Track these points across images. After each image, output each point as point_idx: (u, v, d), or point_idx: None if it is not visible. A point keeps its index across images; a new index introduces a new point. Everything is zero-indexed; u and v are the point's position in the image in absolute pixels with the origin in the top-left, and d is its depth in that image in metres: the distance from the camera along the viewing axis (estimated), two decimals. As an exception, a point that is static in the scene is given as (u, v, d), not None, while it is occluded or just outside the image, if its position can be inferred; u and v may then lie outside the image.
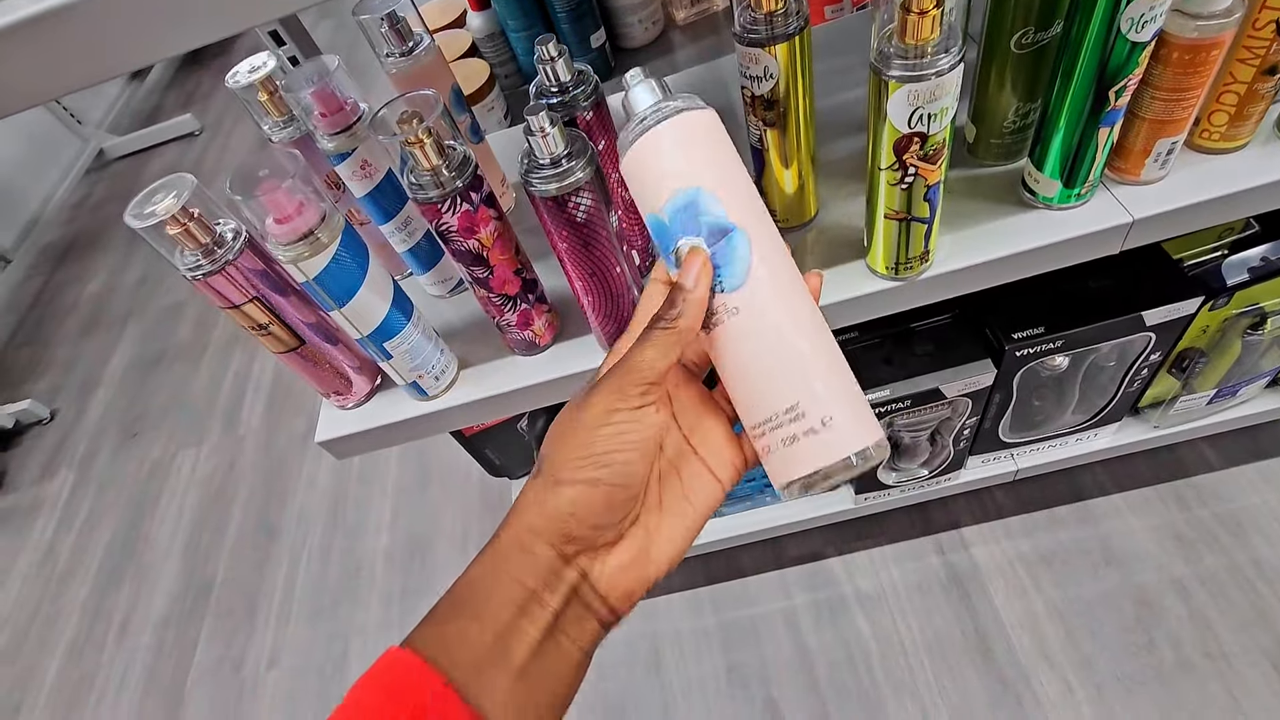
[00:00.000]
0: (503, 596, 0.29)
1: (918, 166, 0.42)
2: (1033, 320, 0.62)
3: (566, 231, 0.43)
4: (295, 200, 0.42)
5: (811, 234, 0.56)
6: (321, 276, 0.44)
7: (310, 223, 0.43)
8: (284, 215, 0.42)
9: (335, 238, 0.43)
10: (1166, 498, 0.95)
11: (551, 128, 0.39)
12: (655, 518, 0.33)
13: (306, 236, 0.43)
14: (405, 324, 0.50)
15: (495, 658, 0.29)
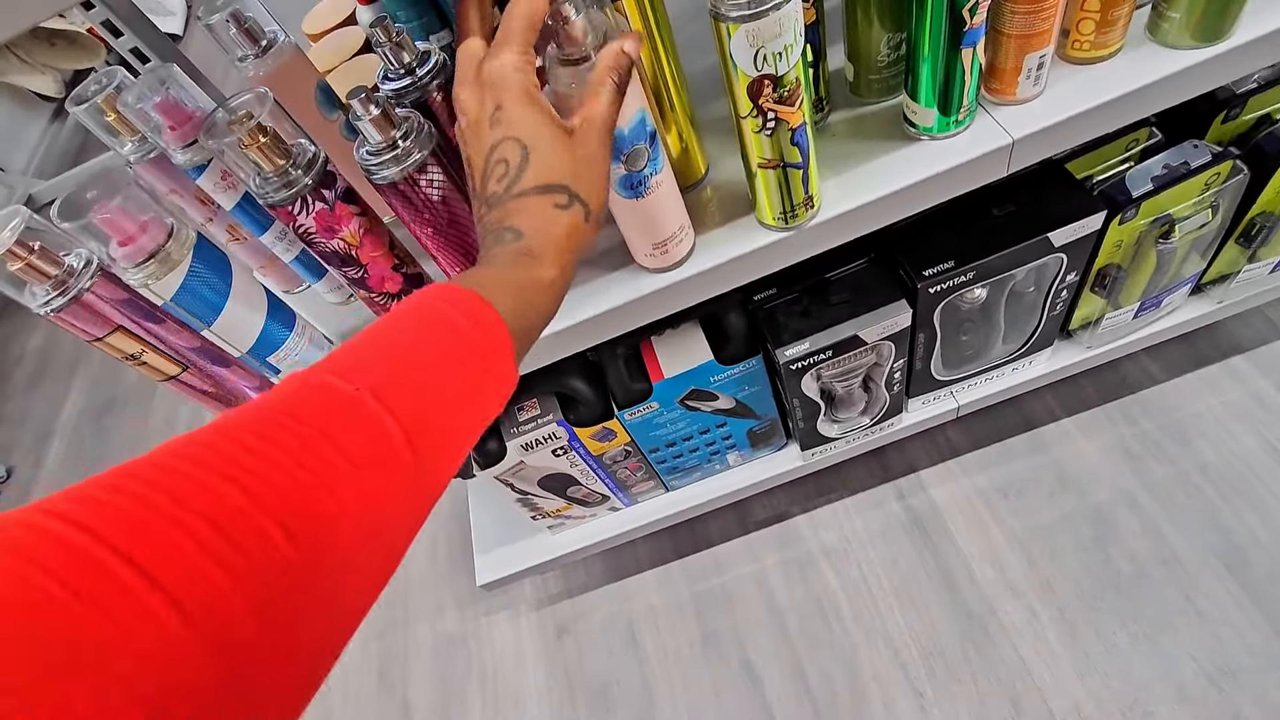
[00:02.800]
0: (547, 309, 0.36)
1: (776, 110, 0.41)
2: (942, 255, 0.62)
3: (427, 215, 0.41)
4: (136, 219, 0.40)
5: (705, 191, 0.55)
6: (180, 296, 0.42)
7: (157, 240, 0.41)
8: (127, 236, 0.40)
9: (187, 252, 0.42)
10: (1114, 416, 0.96)
11: (376, 110, 0.37)
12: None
13: (155, 255, 0.41)
14: (288, 335, 0.48)
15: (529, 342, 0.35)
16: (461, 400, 0.30)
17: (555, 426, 0.69)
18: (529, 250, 0.35)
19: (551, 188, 0.35)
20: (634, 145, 0.42)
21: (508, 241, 0.35)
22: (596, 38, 0.36)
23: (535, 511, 0.82)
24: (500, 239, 0.35)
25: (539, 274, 0.35)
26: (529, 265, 0.35)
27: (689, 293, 0.52)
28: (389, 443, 0.27)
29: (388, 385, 0.28)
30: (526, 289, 0.34)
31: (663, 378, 0.67)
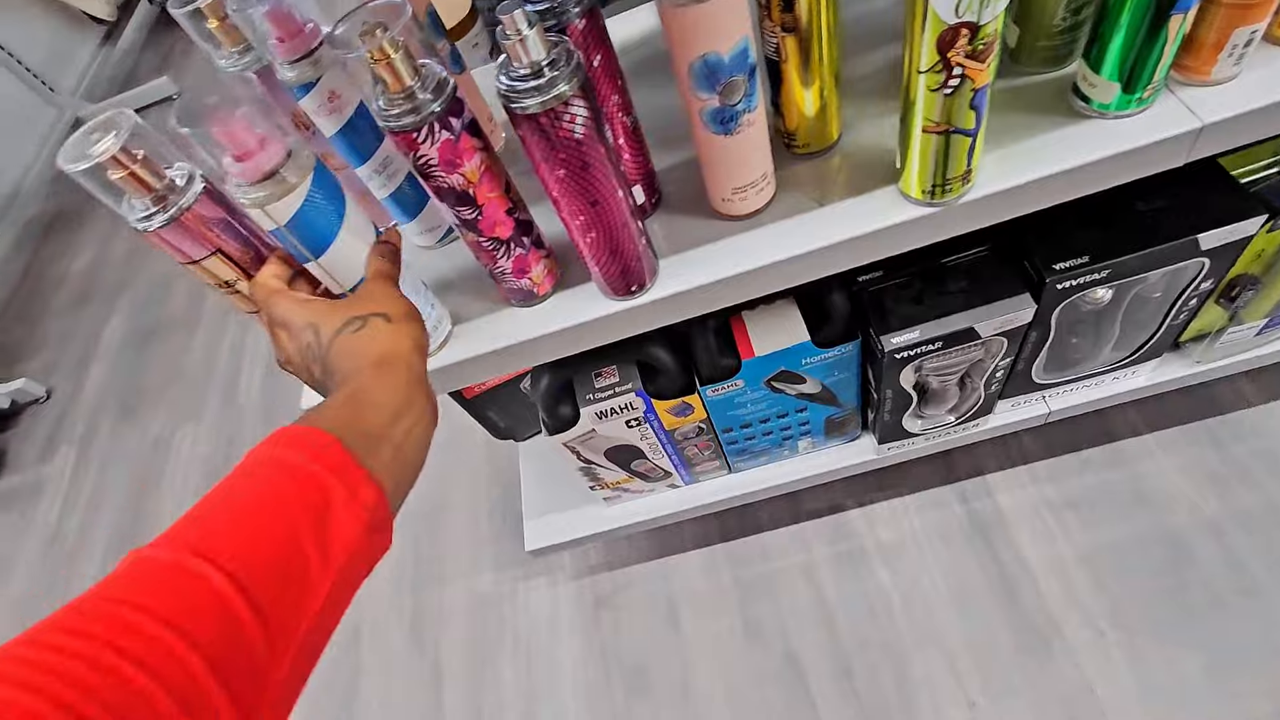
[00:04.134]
0: (387, 397, 0.36)
1: (964, 66, 0.36)
2: (1076, 249, 0.57)
3: (562, 155, 0.37)
4: (255, 134, 0.36)
5: (835, 160, 0.51)
6: (294, 222, 0.39)
7: (275, 160, 0.37)
8: (244, 151, 0.37)
9: (305, 177, 0.38)
10: (1200, 437, 0.91)
11: (530, 29, 0.33)
12: None
13: (272, 176, 0.37)
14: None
15: (382, 436, 0.35)
16: (298, 533, 0.30)
17: (633, 396, 0.66)
18: (341, 376, 0.37)
19: (341, 326, 0.39)
20: (732, 76, 0.39)
21: (329, 391, 0.38)
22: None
23: (595, 482, 0.79)
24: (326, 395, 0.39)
25: (354, 384, 0.36)
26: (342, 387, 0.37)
27: (818, 265, 0.48)
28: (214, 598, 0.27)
29: (230, 554, 0.28)
30: (351, 398, 0.36)
31: (753, 355, 0.64)
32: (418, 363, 0.39)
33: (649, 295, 0.49)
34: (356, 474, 0.32)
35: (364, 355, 0.38)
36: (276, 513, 0.30)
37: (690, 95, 0.41)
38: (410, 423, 0.37)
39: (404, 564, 1.13)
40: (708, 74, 0.39)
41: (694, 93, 0.41)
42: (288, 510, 0.30)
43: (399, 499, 0.35)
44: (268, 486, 0.31)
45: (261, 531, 0.29)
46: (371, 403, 0.36)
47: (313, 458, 0.32)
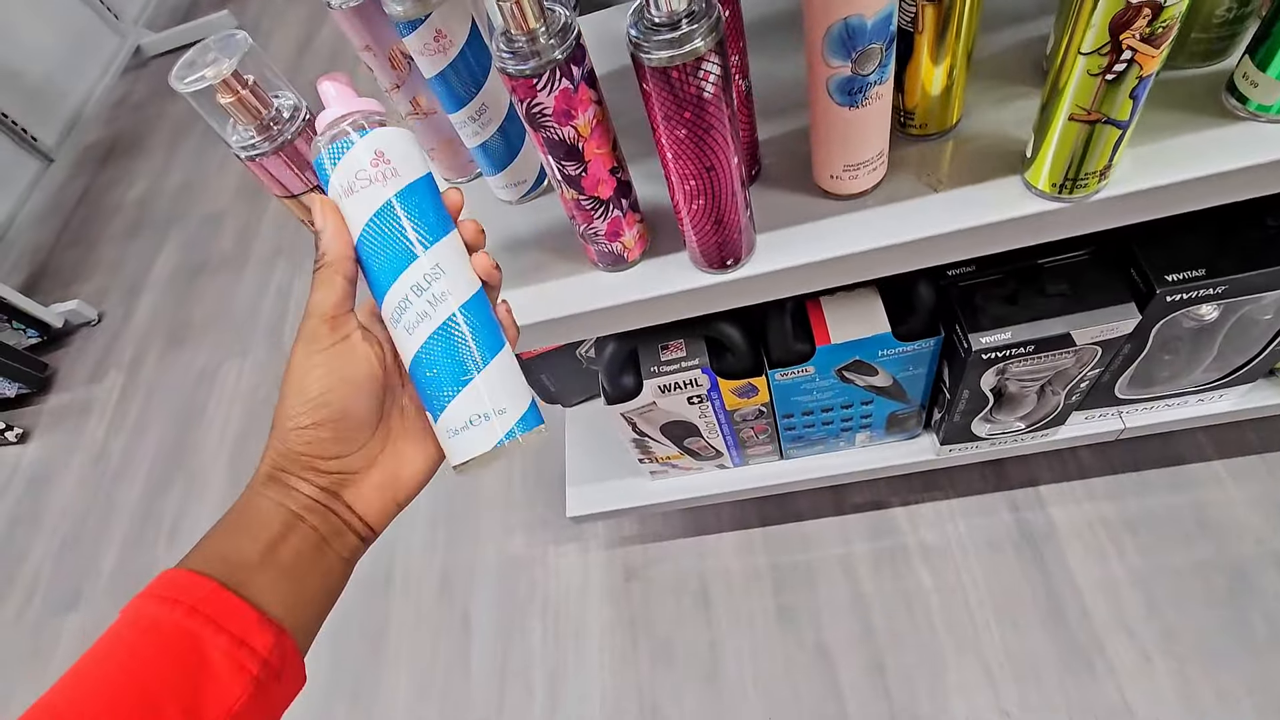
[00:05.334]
0: (267, 518, 0.32)
1: (1136, 50, 0.33)
2: (1192, 261, 0.54)
3: (687, 114, 0.35)
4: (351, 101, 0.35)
5: (950, 144, 0.48)
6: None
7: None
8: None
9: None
10: (1274, 468, 0.88)
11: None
12: (402, 444, 0.36)
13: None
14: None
15: (264, 562, 0.31)
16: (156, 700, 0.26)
17: (699, 373, 0.64)
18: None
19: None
20: (871, 44, 0.36)
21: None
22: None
23: (645, 455, 0.78)
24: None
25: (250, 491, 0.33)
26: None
27: (928, 254, 0.45)
28: None
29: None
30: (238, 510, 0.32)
31: (829, 342, 0.61)
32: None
33: (743, 270, 0.47)
34: (242, 618, 0.28)
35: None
36: (137, 681, 0.26)
37: (820, 61, 0.39)
38: (295, 539, 0.32)
39: (437, 520, 1.14)
40: (846, 38, 0.37)
41: (825, 59, 0.38)
42: (149, 675, 0.27)
43: (316, 616, 0.32)
44: (130, 649, 0.27)
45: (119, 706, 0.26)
46: (254, 518, 0.32)
47: (188, 610, 0.28)
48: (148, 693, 0.26)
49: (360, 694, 1.02)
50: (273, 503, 0.32)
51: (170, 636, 0.27)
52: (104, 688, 0.27)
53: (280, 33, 2.29)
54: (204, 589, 0.29)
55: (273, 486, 0.33)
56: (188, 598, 0.28)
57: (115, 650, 0.28)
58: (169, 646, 0.27)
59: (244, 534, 0.32)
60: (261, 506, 0.32)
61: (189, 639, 0.27)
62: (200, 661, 0.27)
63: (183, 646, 0.27)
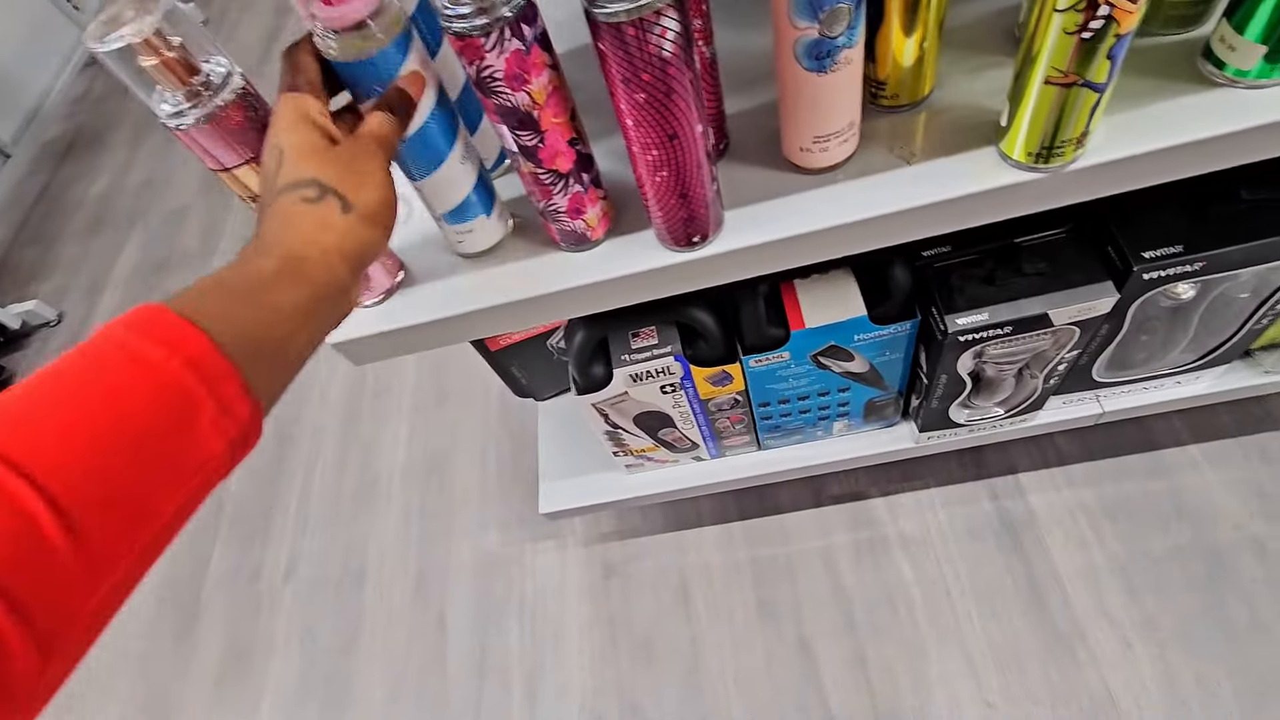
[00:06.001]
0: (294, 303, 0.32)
1: (1115, 4, 0.32)
2: (1167, 237, 0.53)
3: (645, 75, 0.33)
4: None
5: (923, 115, 0.46)
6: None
7: (365, 9, 0.34)
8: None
9: (390, 35, 0.35)
10: (1250, 452, 0.87)
11: None
12: None
13: (359, 28, 0.34)
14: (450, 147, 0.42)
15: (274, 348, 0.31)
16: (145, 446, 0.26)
17: (671, 361, 0.63)
18: (259, 243, 0.33)
19: (299, 184, 0.33)
20: (838, 3, 0.35)
21: (251, 242, 0.33)
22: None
23: (620, 448, 0.76)
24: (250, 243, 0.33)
25: (258, 265, 0.31)
26: (249, 259, 0.32)
27: (903, 229, 0.44)
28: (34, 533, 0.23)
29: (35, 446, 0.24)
30: (247, 286, 0.31)
31: (803, 327, 0.60)
32: (345, 270, 0.34)
33: (711, 248, 0.45)
34: (233, 387, 0.28)
35: (292, 236, 0.32)
36: (123, 418, 0.26)
37: (786, 22, 0.37)
38: (308, 334, 0.33)
39: (410, 516, 1.11)
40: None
41: (792, 19, 0.36)
42: (138, 417, 0.26)
43: (274, 402, 0.32)
44: (118, 382, 0.26)
45: (99, 439, 0.25)
46: (273, 305, 0.31)
47: (185, 361, 0.27)
48: (132, 421, 0.26)
49: (333, 696, 0.99)
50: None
51: (160, 377, 0.27)
52: (82, 402, 0.26)
53: (248, 22, 2.24)
54: (200, 343, 0.28)
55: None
56: (182, 346, 0.27)
57: (95, 371, 0.27)
58: (158, 386, 0.27)
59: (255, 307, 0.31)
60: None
61: (178, 388, 0.27)
62: (188, 414, 0.27)
63: (172, 393, 0.27)
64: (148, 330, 0.27)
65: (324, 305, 0.33)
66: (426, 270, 0.51)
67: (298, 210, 0.33)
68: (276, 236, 0.32)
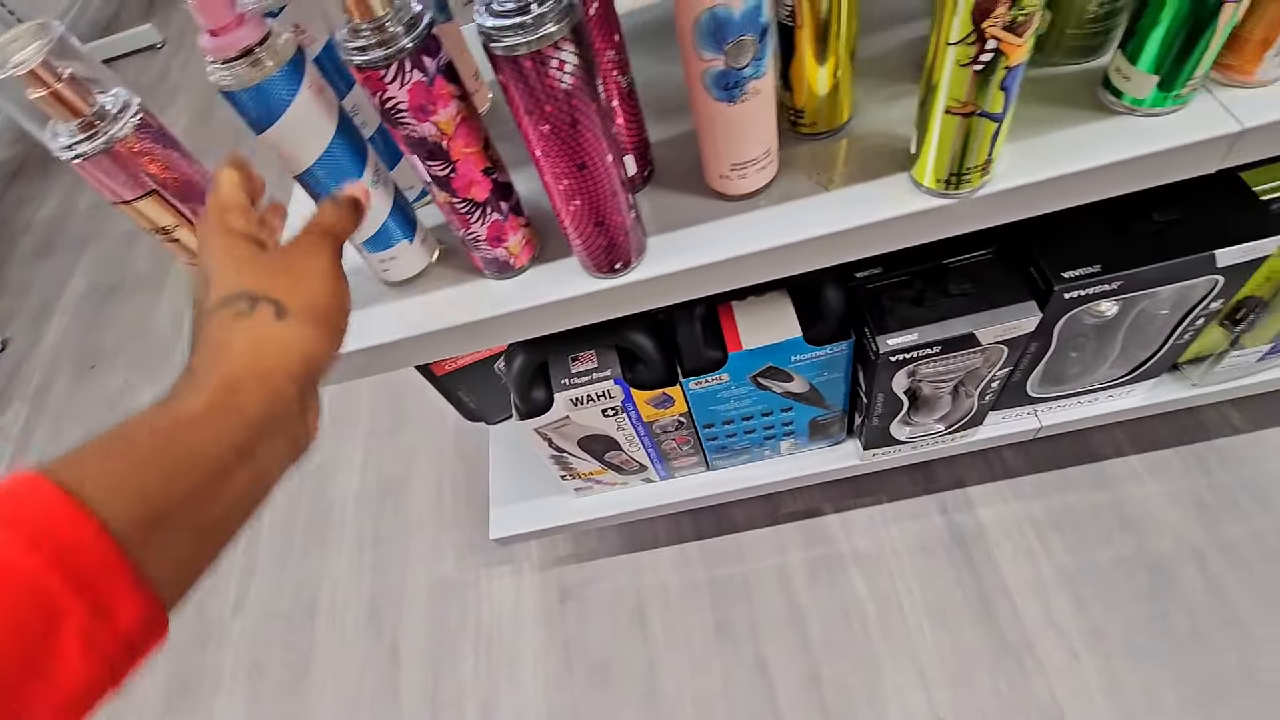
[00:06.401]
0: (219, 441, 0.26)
1: (1000, 39, 0.33)
2: (1087, 257, 0.54)
3: (547, 107, 0.33)
4: (233, 8, 0.33)
5: (843, 143, 0.47)
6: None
7: (251, 38, 0.34)
8: (221, 25, 0.33)
9: (279, 63, 0.34)
10: (1188, 461, 0.90)
11: None
12: None
13: (247, 55, 0.34)
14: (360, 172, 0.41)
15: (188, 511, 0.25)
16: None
17: (611, 384, 0.62)
18: (190, 377, 0.28)
19: (228, 299, 0.29)
20: (741, 36, 0.35)
21: (179, 378, 0.28)
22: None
23: (567, 471, 0.76)
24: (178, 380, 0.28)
25: (179, 407, 0.26)
26: (178, 398, 0.27)
27: (820, 254, 0.44)
28: None
29: None
30: (161, 444, 0.25)
31: (740, 349, 0.60)
32: (293, 388, 0.29)
33: (634, 275, 0.45)
34: (119, 583, 0.22)
35: (226, 365, 0.28)
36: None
37: (693, 54, 0.37)
38: (246, 481, 0.27)
39: (364, 543, 1.09)
40: (715, 29, 0.35)
41: (697, 51, 0.37)
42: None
43: (194, 581, 0.26)
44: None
45: None
46: (194, 453, 0.25)
47: (49, 553, 0.21)
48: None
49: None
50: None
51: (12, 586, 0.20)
52: None
53: (206, 45, 2.21)
54: (81, 529, 0.22)
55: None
56: (50, 534, 0.21)
57: None
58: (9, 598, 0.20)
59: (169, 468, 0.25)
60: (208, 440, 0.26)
61: (36, 598, 0.21)
62: (43, 632, 0.21)
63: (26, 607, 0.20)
64: (12, 521, 0.21)
65: (266, 437, 0.28)
66: (353, 299, 0.50)
67: (227, 330, 0.29)
68: (205, 367, 0.28)
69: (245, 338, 0.28)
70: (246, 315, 0.29)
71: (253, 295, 0.29)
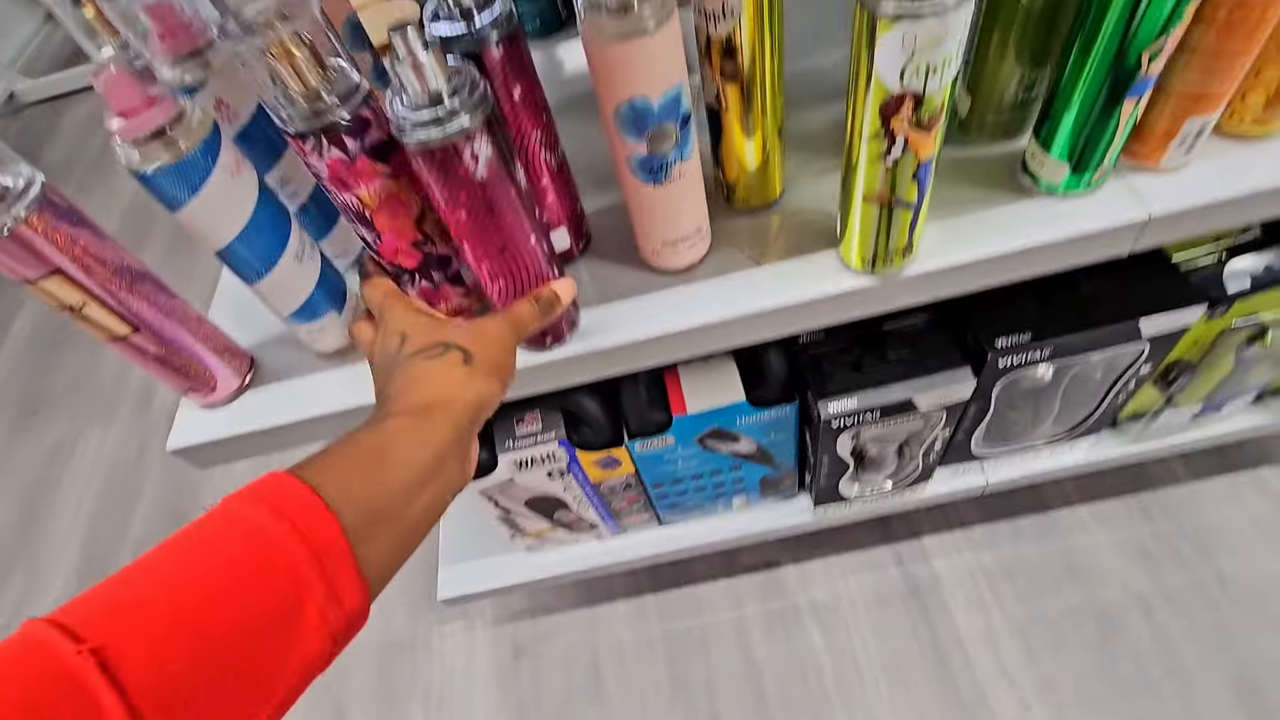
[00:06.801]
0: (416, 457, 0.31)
1: (908, 136, 0.33)
2: (1018, 325, 0.55)
3: (462, 196, 0.33)
4: (143, 91, 0.32)
5: (775, 218, 0.48)
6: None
7: (162, 118, 0.33)
8: (129, 108, 0.32)
9: (195, 143, 0.34)
10: (1133, 510, 0.91)
11: (425, 53, 0.29)
12: None
13: (159, 136, 0.33)
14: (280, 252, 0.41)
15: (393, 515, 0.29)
16: (249, 638, 0.24)
17: (556, 446, 0.61)
18: (391, 403, 0.33)
19: (425, 347, 0.35)
20: (661, 124, 0.36)
21: (378, 406, 0.34)
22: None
23: (516, 531, 0.74)
24: (374, 409, 0.34)
25: (390, 425, 0.32)
26: (383, 418, 0.32)
27: (751, 331, 0.44)
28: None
29: (129, 640, 0.22)
30: (376, 449, 0.31)
31: (685, 412, 0.60)
32: (467, 420, 0.34)
33: (565, 350, 0.44)
34: (347, 571, 0.26)
35: (420, 390, 0.33)
36: (228, 606, 0.24)
37: (617, 139, 0.37)
38: (432, 494, 0.31)
39: (312, 599, 1.05)
40: (635, 119, 0.36)
41: (620, 137, 0.37)
42: (244, 607, 0.24)
43: (388, 579, 0.30)
44: (233, 564, 0.25)
45: (198, 631, 0.23)
46: (397, 461, 0.30)
47: (302, 538, 0.25)
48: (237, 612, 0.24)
49: (212, 810, 0.90)
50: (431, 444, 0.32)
51: (275, 559, 0.25)
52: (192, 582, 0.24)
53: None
54: (323, 518, 0.26)
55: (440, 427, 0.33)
56: (303, 518, 0.26)
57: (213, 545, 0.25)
58: (270, 570, 0.25)
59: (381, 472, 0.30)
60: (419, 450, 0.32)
61: (291, 572, 0.25)
62: (295, 604, 0.25)
63: (285, 578, 0.25)
64: (273, 504, 0.26)
65: (448, 459, 0.32)
66: (282, 368, 0.49)
67: (422, 368, 0.34)
68: (403, 395, 0.33)
69: (437, 374, 0.34)
70: (439, 358, 0.35)
71: (445, 344, 0.35)
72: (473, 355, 0.35)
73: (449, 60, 0.31)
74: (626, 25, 0.32)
